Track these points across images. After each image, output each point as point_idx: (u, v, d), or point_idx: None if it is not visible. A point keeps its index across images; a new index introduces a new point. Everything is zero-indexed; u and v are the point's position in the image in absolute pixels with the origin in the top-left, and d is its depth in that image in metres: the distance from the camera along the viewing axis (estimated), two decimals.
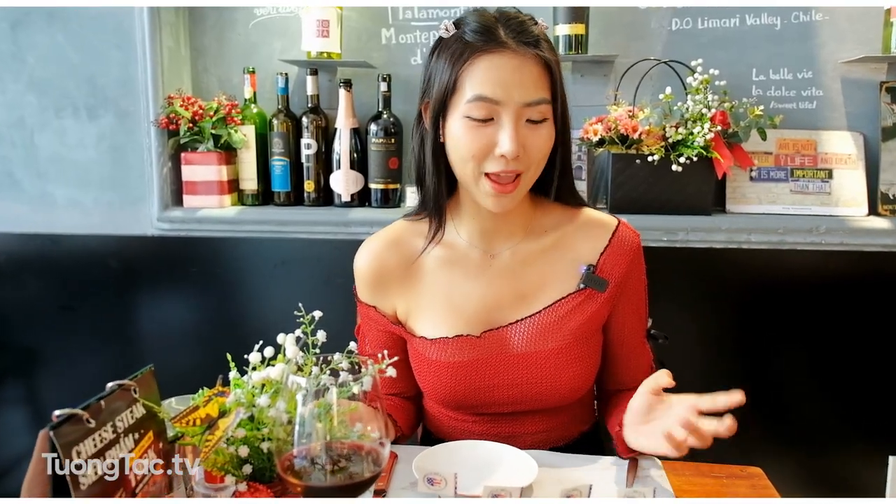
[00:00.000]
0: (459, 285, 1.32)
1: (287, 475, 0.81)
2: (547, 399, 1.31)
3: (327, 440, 0.83)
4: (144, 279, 2.20)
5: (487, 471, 1.21)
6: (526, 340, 1.29)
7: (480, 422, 1.36)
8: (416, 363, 1.36)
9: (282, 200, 2.15)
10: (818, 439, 2.12)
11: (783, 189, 2.09)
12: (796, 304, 2.08)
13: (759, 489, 1.20)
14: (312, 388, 0.83)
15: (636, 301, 1.35)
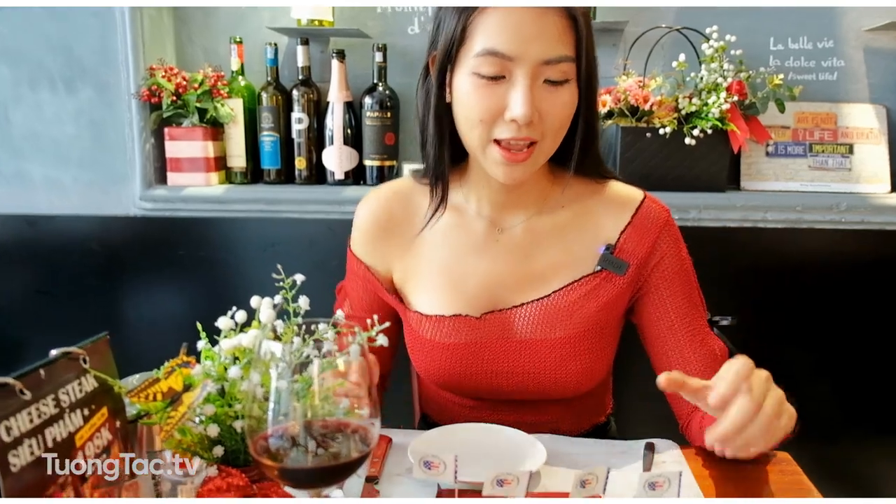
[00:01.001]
0: (462, 258, 1.19)
1: (261, 457, 0.70)
2: (550, 391, 1.19)
3: (307, 418, 0.72)
4: (127, 262, 2.09)
5: (492, 455, 1.10)
6: (531, 326, 1.16)
7: (481, 407, 1.24)
8: (409, 339, 1.24)
9: (272, 178, 2.04)
10: (835, 426, 2.01)
11: (801, 165, 1.98)
12: (814, 286, 1.97)
13: (788, 475, 1.09)
14: (289, 359, 0.72)
15: (679, 284, 1.17)
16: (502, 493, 0.82)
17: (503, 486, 0.82)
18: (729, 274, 1.97)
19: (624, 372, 1.55)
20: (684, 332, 1.17)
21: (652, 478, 0.82)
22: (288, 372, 0.72)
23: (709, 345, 1.19)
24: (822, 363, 2.00)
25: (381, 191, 1.23)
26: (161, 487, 0.88)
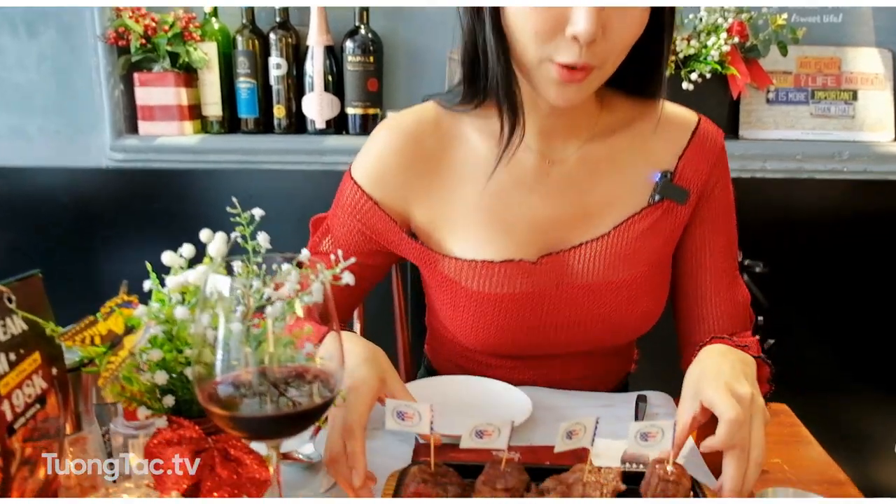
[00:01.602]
0: (509, 196, 1.03)
1: (210, 405, 0.63)
2: (610, 339, 1.08)
3: (264, 364, 0.65)
4: (100, 216, 2.00)
5: (475, 408, 1.04)
6: (592, 269, 1.03)
7: (519, 368, 1.12)
8: (442, 293, 1.08)
9: (249, 128, 1.94)
10: (834, 378, 1.96)
11: (803, 112, 1.90)
12: (814, 238, 1.90)
13: (787, 427, 1.03)
14: (244, 300, 0.65)
15: (723, 219, 1.08)
16: (482, 444, 0.75)
17: (483, 437, 0.76)
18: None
19: None
20: (714, 274, 1.08)
21: (644, 428, 0.75)
22: (239, 312, 0.64)
23: (734, 292, 1.10)
24: (822, 316, 1.95)
25: (406, 116, 1.06)
26: (112, 442, 0.81)
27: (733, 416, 0.78)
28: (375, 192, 1.05)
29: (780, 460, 0.91)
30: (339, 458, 0.79)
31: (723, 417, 0.79)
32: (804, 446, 0.97)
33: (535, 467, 0.80)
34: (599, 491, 0.75)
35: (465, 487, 0.76)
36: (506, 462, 0.77)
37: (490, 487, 0.75)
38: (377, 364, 0.88)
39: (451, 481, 0.76)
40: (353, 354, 0.86)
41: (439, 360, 1.26)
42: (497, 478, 0.76)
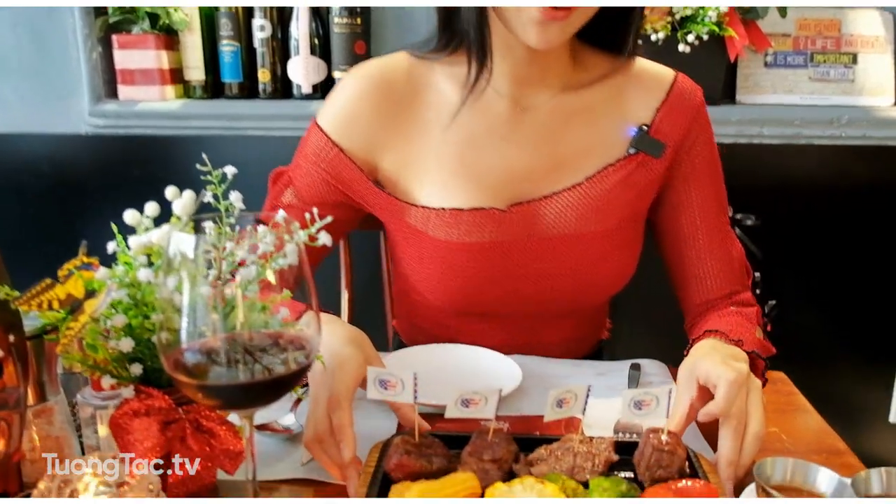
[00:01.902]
0: (480, 143, 1.01)
1: (178, 373, 0.59)
2: (582, 296, 1.05)
3: (234, 332, 0.61)
4: (80, 183, 1.94)
5: (460, 377, 1.00)
6: (564, 219, 1.01)
7: (489, 332, 1.09)
8: (408, 245, 1.05)
9: (233, 92, 1.88)
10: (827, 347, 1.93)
11: (801, 76, 1.85)
12: (812, 205, 1.86)
13: (784, 395, 1.00)
14: (205, 260, 0.60)
15: (708, 175, 1.05)
16: (468, 414, 0.72)
17: (469, 406, 0.72)
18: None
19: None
20: (705, 230, 1.05)
21: (638, 396, 0.72)
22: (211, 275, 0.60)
23: (727, 248, 1.07)
24: (818, 284, 1.91)
25: (375, 62, 1.05)
26: (80, 413, 0.78)
27: (732, 378, 0.76)
28: (342, 140, 1.02)
29: (778, 429, 0.88)
30: (323, 437, 0.75)
31: (720, 381, 0.77)
32: (801, 415, 0.94)
33: (524, 437, 0.77)
34: (591, 461, 0.72)
35: (451, 459, 0.73)
36: (493, 432, 0.74)
37: (477, 458, 0.72)
38: (361, 346, 0.84)
39: (437, 452, 0.72)
40: (336, 335, 0.83)
41: (408, 330, 1.24)
42: (484, 448, 0.73)
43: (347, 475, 0.73)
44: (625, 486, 0.62)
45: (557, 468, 0.71)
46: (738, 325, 0.96)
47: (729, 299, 1.05)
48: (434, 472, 0.71)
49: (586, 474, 0.71)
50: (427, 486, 0.63)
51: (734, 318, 0.99)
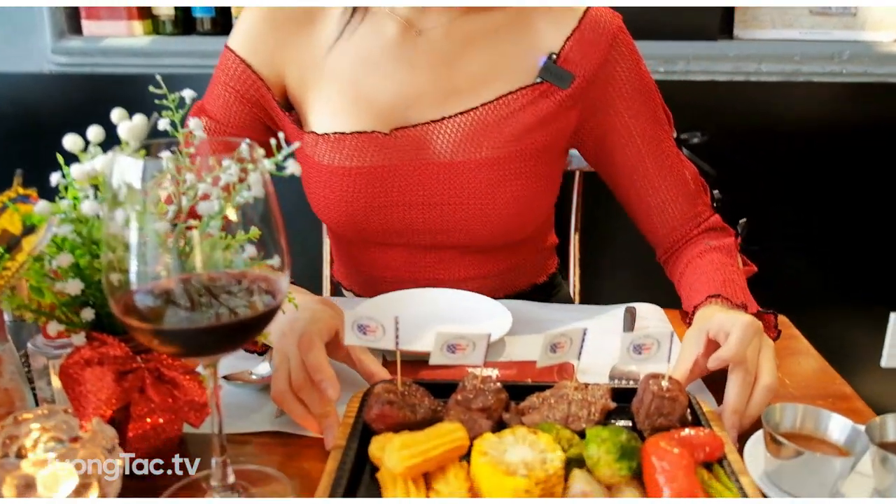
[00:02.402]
0: (371, 66, 0.98)
1: (128, 317, 0.53)
2: (478, 230, 1.00)
3: (194, 271, 0.55)
4: (45, 125, 1.83)
5: (445, 322, 0.94)
6: (452, 144, 0.97)
7: (396, 262, 1.05)
8: (304, 171, 1.01)
9: (205, 28, 1.78)
10: (821, 291, 1.90)
11: (801, 10, 1.76)
12: (811, 143, 1.80)
13: (785, 338, 0.95)
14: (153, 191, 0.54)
15: (641, 101, 1.00)
16: (454, 360, 0.66)
17: (455, 352, 0.67)
18: (718, 131, 1.79)
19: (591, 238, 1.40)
20: (652, 157, 1.00)
21: (638, 340, 0.67)
22: (157, 204, 0.53)
23: (679, 171, 1.02)
24: (814, 224, 1.86)
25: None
26: (32, 363, 0.72)
27: (747, 321, 0.73)
28: (248, 56, 0.99)
29: (782, 374, 0.83)
30: (298, 384, 0.69)
31: (734, 327, 0.73)
32: (805, 359, 0.89)
33: (514, 385, 0.72)
34: (587, 410, 0.67)
35: (437, 408, 0.67)
36: (482, 379, 0.69)
37: (464, 408, 0.67)
38: (333, 307, 0.78)
39: (421, 401, 0.67)
40: (307, 299, 0.78)
41: (341, 271, 1.19)
42: (472, 397, 0.67)
43: (325, 426, 0.67)
44: (625, 436, 0.57)
45: (551, 417, 0.66)
46: (730, 281, 0.92)
47: (698, 227, 1.01)
48: (418, 422, 0.66)
49: (582, 423, 0.66)
50: (411, 437, 0.58)
51: (721, 270, 0.94)
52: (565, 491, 0.55)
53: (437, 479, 0.57)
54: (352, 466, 0.60)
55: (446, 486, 0.55)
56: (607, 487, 0.56)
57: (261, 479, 0.63)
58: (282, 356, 0.71)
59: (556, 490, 0.55)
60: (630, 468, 0.56)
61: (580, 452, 0.59)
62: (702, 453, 0.59)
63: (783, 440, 0.59)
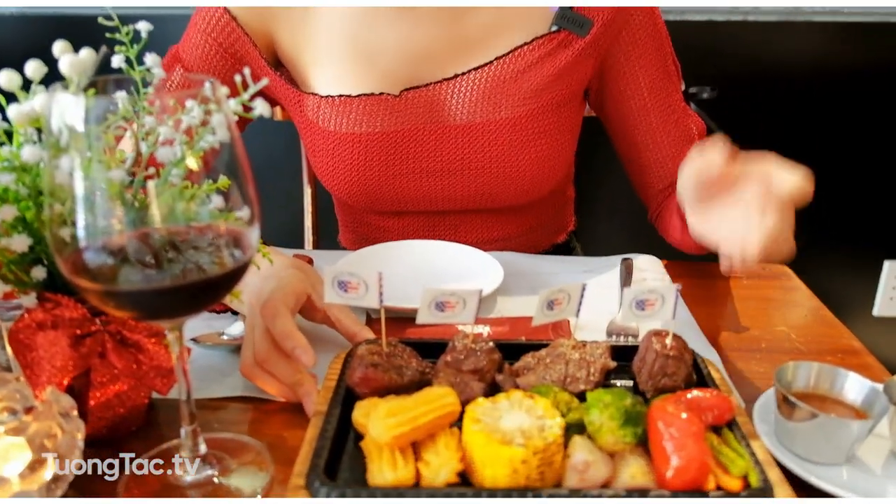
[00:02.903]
0: (375, 22, 0.90)
1: (78, 277, 0.47)
2: (500, 194, 0.95)
3: (151, 227, 0.49)
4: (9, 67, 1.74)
5: (433, 276, 0.90)
6: (468, 104, 0.90)
7: (411, 228, 1.01)
8: (305, 136, 0.96)
9: None
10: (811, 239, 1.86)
11: None
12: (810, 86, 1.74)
13: (789, 290, 0.92)
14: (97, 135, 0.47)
15: (652, 50, 0.93)
16: (444, 319, 0.61)
17: (445, 310, 0.61)
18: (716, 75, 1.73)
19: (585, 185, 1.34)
20: (657, 110, 0.94)
21: (641, 295, 0.62)
22: (102, 147, 0.47)
23: (685, 124, 0.96)
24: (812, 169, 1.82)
25: None
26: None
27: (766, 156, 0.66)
28: (235, 9, 0.91)
29: (787, 328, 0.79)
30: (265, 355, 0.63)
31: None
32: (811, 312, 0.85)
33: (507, 344, 0.67)
34: (586, 370, 0.62)
35: (425, 370, 0.63)
36: (473, 338, 0.64)
37: (455, 369, 0.62)
38: (304, 270, 0.72)
39: (408, 363, 0.62)
40: (276, 264, 0.71)
41: (349, 238, 1.12)
42: (463, 358, 0.63)
43: (303, 393, 0.62)
44: (629, 400, 0.53)
45: (547, 378, 0.62)
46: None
47: None
48: (405, 385, 0.61)
49: (581, 385, 0.61)
50: (398, 403, 0.53)
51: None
52: (565, 460, 0.51)
53: (426, 449, 0.52)
54: (334, 434, 0.55)
55: (436, 457, 0.51)
56: (610, 455, 0.52)
57: (236, 449, 0.59)
58: (248, 328, 0.66)
59: (555, 459, 0.50)
60: (635, 435, 0.51)
61: (580, 417, 0.55)
62: (710, 416, 0.55)
63: (797, 402, 0.55)
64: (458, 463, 0.51)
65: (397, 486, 0.49)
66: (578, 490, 0.49)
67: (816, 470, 0.55)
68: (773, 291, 0.91)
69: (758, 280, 0.94)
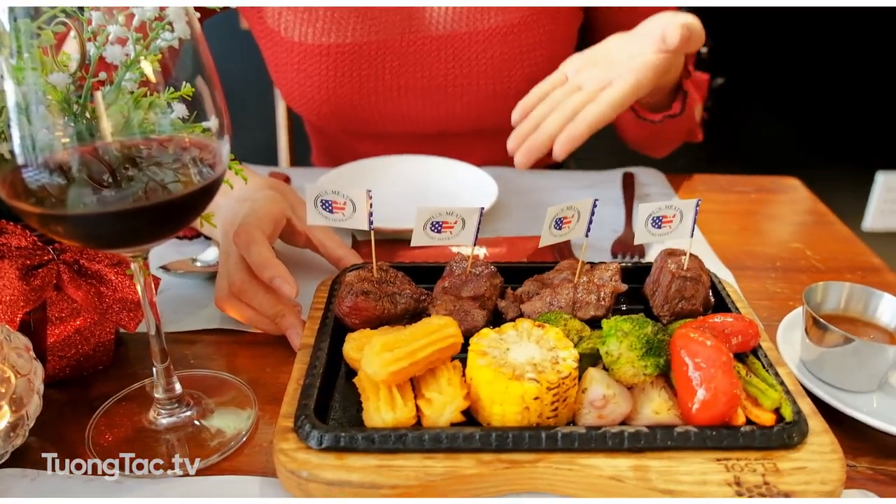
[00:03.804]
0: None
1: (18, 200, 0.40)
2: (490, 114, 0.87)
3: (103, 141, 0.42)
4: None
5: (423, 194, 0.83)
6: (452, 11, 0.81)
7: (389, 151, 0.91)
8: (266, 47, 0.87)
9: None
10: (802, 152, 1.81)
11: None
12: None
13: (800, 203, 0.87)
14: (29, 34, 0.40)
15: None
16: (441, 241, 0.56)
17: (441, 231, 0.55)
18: None
19: None
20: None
21: (658, 211, 0.56)
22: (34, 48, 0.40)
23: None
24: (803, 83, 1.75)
25: None
26: None
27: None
28: None
29: (802, 245, 0.74)
30: (241, 286, 0.57)
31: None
32: (825, 227, 0.80)
33: (509, 267, 0.62)
34: (595, 294, 0.57)
35: (420, 297, 0.57)
36: (472, 261, 0.58)
37: (454, 296, 0.57)
38: (280, 190, 0.65)
39: (401, 290, 0.57)
40: (251, 181, 0.63)
41: (324, 161, 1.05)
42: (462, 283, 0.57)
43: (286, 325, 0.57)
44: (650, 328, 0.48)
45: (555, 304, 0.56)
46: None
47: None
48: (399, 314, 0.56)
49: (591, 310, 0.56)
50: (393, 337, 0.47)
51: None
52: (580, 395, 0.46)
53: (427, 385, 0.47)
54: (323, 370, 0.50)
55: (439, 395, 0.46)
56: (628, 388, 0.47)
57: (215, 387, 0.54)
58: (222, 255, 0.59)
59: (569, 395, 0.46)
60: (657, 366, 0.47)
61: (593, 347, 0.50)
62: (734, 343, 0.51)
63: (829, 325, 0.51)
64: (464, 400, 0.46)
65: (398, 428, 0.44)
66: (597, 428, 0.44)
67: (845, 397, 0.51)
68: (784, 206, 0.86)
69: (766, 194, 0.88)
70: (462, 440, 0.43)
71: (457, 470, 0.42)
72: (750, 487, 0.41)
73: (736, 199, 0.86)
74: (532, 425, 0.45)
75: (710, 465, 0.43)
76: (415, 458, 0.43)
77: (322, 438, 0.44)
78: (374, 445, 0.43)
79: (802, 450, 0.44)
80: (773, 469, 0.42)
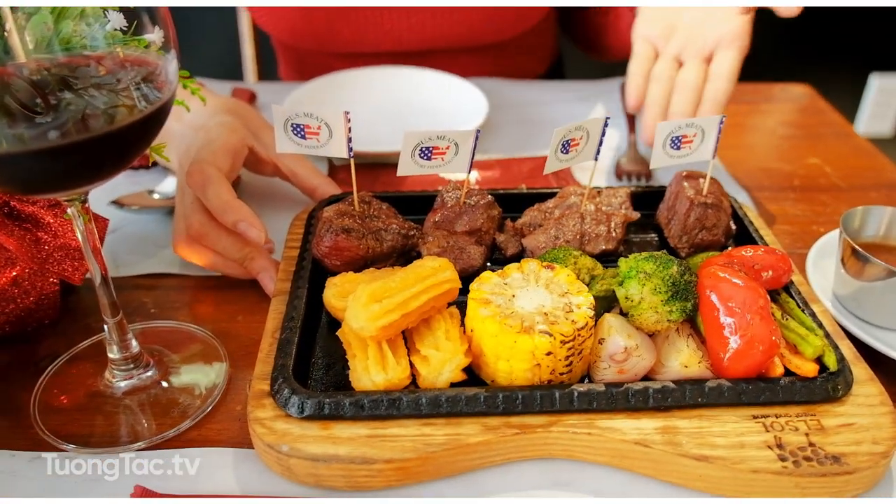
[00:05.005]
0: None
1: None
2: (479, 30, 0.79)
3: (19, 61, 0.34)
4: None
5: (405, 113, 0.75)
6: None
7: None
8: None
9: None
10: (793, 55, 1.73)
11: None
12: None
13: (814, 114, 0.80)
14: None
15: None
16: (431, 168, 0.48)
17: (432, 157, 0.48)
18: None
19: None
20: None
21: (678, 130, 0.49)
22: None
23: None
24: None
25: None
26: None
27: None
28: None
29: (820, 160, 0.68)
30: (200, 229, 0.50)
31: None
32: (844, 140, 0.74)
33: (506, 194, 0.55)
34: (605, 225, 0.51)
35: (409, 232, 0.50)
36: (466, 190, 0.52)
37: (447, 230, 0.50)
38: (240, 115, 0.56)
39: (387, 225, 0.50)
40: (209, 104, 0.55)
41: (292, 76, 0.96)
42: (455, 216, 0.51)
43: (256, 268, 0.50)
44: (675, 268, 0.42)
45: (561, 238, 0.50)
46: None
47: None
48: (385, 253, 0.49)
49: (602, 244, 0.50)
50: (381, 285, 0.41)
51: None
52: (596, 346, 0.41)
53: (422, 340, 0.41)
54: (302, 322, 0.43)
55: (436, 351, 0.40)
56: (649, 335, 0.42)
57: (179, 341, 0.47)
58: (178, 194, 0.52)
59: (585, 346, 0.40)
60: (684, 310, 0.41)
61: (608, 288, 0.44)
62: (764, 278, 0.45)
63: (870, 257, 0.45)
64: (465, 357, 0.40)
65: (390, 391, 0.38)
66: (618, 385, 0.39)
67: (887, 337, 0.46)
68: (798, 115, 0.79)
69: (779, 104, 0.82)
70: (464, 403, 0.38)
71: (459, 438, 0.37)
72: (794, 451, 0.36)
73: (746, 111, 0.79)
74: (543, 383, 0.39)
75: (747, 425, 0.38)
76: (411, 426, 0.38)
77: (304, 405, 0.38)
78: (364, 412, 0.38)
79: (847, 402, 0.39)
80: (817, 427, 0.38)
